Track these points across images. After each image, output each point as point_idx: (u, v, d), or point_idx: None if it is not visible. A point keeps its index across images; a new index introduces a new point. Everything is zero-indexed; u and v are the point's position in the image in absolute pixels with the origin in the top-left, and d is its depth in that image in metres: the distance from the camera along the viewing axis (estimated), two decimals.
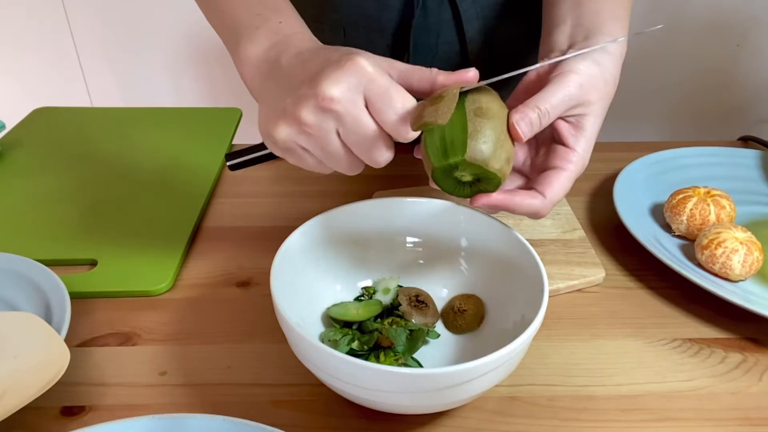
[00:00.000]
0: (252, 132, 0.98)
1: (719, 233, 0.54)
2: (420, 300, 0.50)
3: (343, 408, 0.44)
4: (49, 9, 1.56)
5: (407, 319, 0.48)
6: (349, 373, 0.37)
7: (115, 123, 0.81)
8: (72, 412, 0.44)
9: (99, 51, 1.64)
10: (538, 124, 0.42)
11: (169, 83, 1.68)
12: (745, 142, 0.79)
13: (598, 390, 0.46)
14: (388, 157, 0.40)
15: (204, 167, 0.71)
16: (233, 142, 0.78)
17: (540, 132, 0.44)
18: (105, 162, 0.73)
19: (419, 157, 0.43)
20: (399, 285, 0.52)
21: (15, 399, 0.39)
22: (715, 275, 0.55)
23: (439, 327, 0.50)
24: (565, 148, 0.45)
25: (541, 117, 0.42)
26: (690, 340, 0.51)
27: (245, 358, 0.48)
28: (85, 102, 1.72)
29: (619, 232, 0.60)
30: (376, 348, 0.46)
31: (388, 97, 0.38)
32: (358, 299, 0.52)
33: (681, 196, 0.59)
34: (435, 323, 0.50)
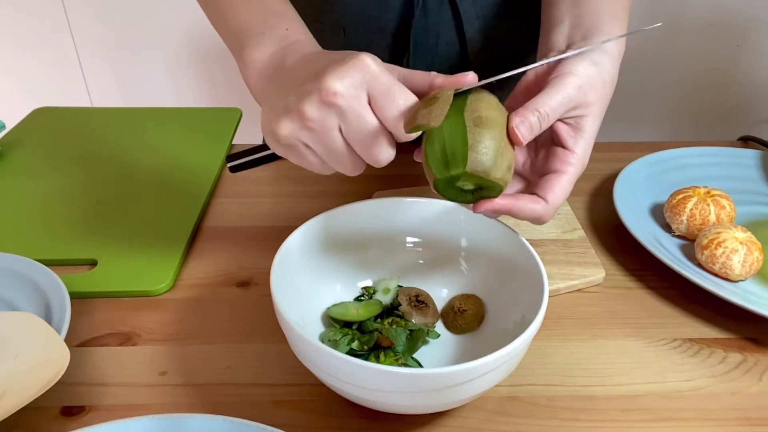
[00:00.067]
0: (252, 132, 0.98)
1: (719, 233, 0.54)
2: (420, 300, 0.50)
3: (343, 408, 0.44)
4: (49, 9, 1.56)
5: (407, 319, 0.48)
6: (349, 373, 0.37)
7: (115, 123, 0.81)
8: (72, 412, 0.44)
9: (99, 51, 1.64)
10: (538, 127, 0.42)
11: (169, 83, 1.68)
12: (745, 142, 0.79)
13: (598, 390, 0.46)
14: (389, 155, 0.40)
15: (204, 167, 0.71)
16: (233, 142, 0.78)
17: (539, 134, 0.44)
18: (105, 162, 0.73)
19: (419, 161, 0.43)
20: (399, 285, 0.52)
21: (15, 399, 0.39)
22: (715, 275, 0.55)
23: (439, 327, 0.50)
24: (565, 150, 0.45)
25: (540, 120, 0.42)
26: (690, 340, 0.51)
27: (245, 358, 0.48)
28: (85, 102, 1.72)
29: (619, 232, 0.60)
30: (376, 348, 0.46)
31: (391, 94, 0.39)
32: (358, 299, 0.52)
33: (681, 196, 0.59)
34: (435, 323, 0.50)
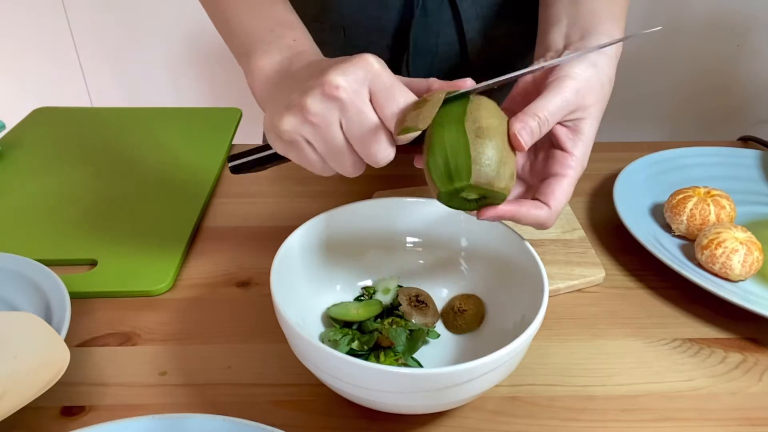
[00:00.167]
0: (252, 132, 0.98)
1: (719, 233, 0.54)
2: (420, 300, 0.50)
3: (343, 408, 0.44)
4: (49, 9, 1.56)
5: (407, 319, 0.48)
6: (349, 373, 0.37)
7: (115, 123, 0.81)
8: (72, 412, 0.44)
9: (99, 51, 1.64)
10: (539, 132, 0.42)
11: (169, 83, 1.68)
12: (745, 142, 0.79)
13: (598, 390, 0.46)
14: (388, 154, 0.40)
15: (204, 167, 0.71)
16: (233, 142, 0.78)
17: (540, 140, 0.44)
18: (105, 162, 0.73)
19: (419, 167, 0.43)
20: (399, 285, 0.52)
21: (15, 399, 0.39)
22: (715, 275, 0.55)
23: (439, 327, 0.50)
24: (564, 153, 0.45)
25: (540, 125, 0.42)
26: (690, 340, 0.51)
27: (245, 358, 0.48)
28: (85, 102, 1.72)
29: (619, 232, 0.60)
30: (376, 348, 0.46)
31: (392, 92, 0.39)
32: (358, 299, 0.52)
33: (681, 196, 0.59)
34: (435, 323, 0.50)
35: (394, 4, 0.67)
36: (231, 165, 0.48)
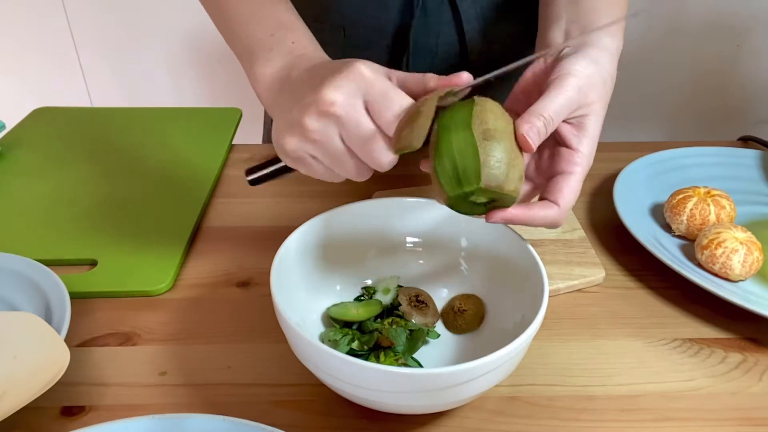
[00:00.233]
0: (252, 132, 0.98)
1: (719, 233, 0.54)
2: (420, 300, 0.50)
3: (343, 408, 0.44)
4: (49, 9, 1.56)
5: (407, 319, 0.48)
6: (349, 373, 0.37)
7: (115, 123, 0.81)
8: (72, 412, 0.44)
9: (99, 51, 1.64)
10: (545, 132, 0.42)
11: (169, 83, 1.68)
12: (745, 142, 0.79)
13: (598, 390, 0.46)
14: (391, 159, 0.40)
15: (204, 167, 0.71)
16: (233, 142, 0.78)
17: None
18: (105, 162, 0.73)
19: (425, 170, 0.43)
20: (399, 285, 0.52)
21: (15, 399, 0.39)
22: (715, 275, 0.55)
23: (439, 327, 0.50)
24: (570, 150, 0.44)
25: (546, 124, 0.42)
26: (690, 340, 0.51)
27: (245, 358, 0.48)
28: (85, 102, 1.72)
29: (619, 232, 0.60)
30: (376, 348, 0.46)
31: (387, 99, 0.39)
32: (358, 299, 0.52)
33: (681, 196, 0.59)
34: (435, 323, 0.50)
35: (393, 5, 0.67)
36: (249, 178, 0.48)
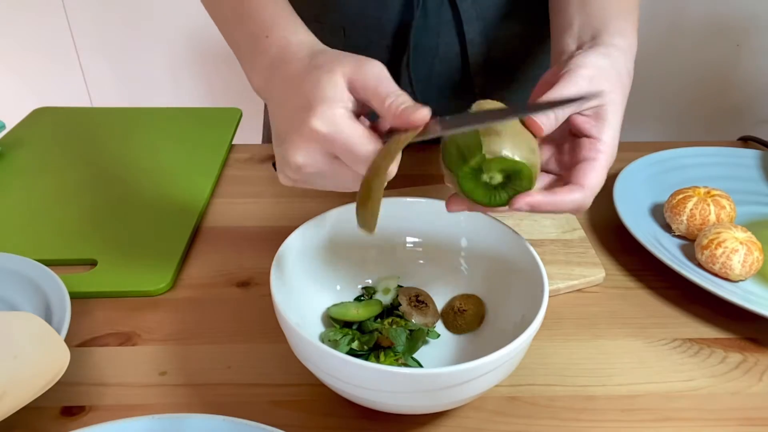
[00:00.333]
0: (252, 132, 0.98)
1: (719, 233, 0.54)
2: (420, 300, 0.50)
3: (343, 408, 0.44)
4: (49, 9, 1.56)
5: (407, 319, 0.48)
6: (349, 373, 0.37)
7: (115, 123, 0.81)
8: (72, 412, 0.44)
9: (99, 51, 1.64)
10: (554, 118, 0.42)
11: (169, 83, 1.68)
12: (745, 142, 0.79)
13: (598, 390, 0.46)
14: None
15: (204, 167, 0.71)
16: (233, 142, 0.78)
17: (559, 131, 0.44)
18: (105, 162, 0.73)
19: (450, 185, 0.43)
20: (399, 285, 0.52)
21: (15, 399, 0.39)
22: (715, 275, 0.54)
23: (439, 327, 0.50)
24: (591, 139, 0.43)
25: (555, 111, 0.41)
26: (690, 340, 0.51)
27: (245, 358, 0.48)
28: (85, 102, 1.72)
29: (619, 232, 0.60)
30: (376, 348, 0.46)
31: (351, 153, 0.38)
32: (358, 299, 0.52)
33: (681, 196, 0.59)
34: (435, 323, 0.50)
35: (393, 4, 0.67)
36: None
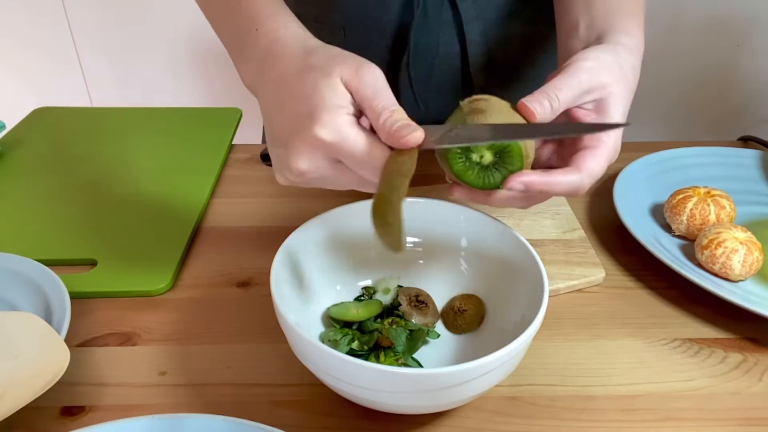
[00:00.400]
0: (252, 132, 0.98)
1: (719, 233, 0.54)
2: (420, 300, 0.50)
3: (343, 408, 0.44)
4: (49, 9, 1.56)
5: (407, 319, 0.48)
6: (349, 373, 0.37)
7: (115, 123, 0.81)
8: (72, 412, 0.44)
9: (99, 51, 1.64)
10: (549, 107, 0.41)
11: (169, 83, 1.68)
12: (745, 142, 0.79)
13: (598, 390, 0.46)
14: None
15: (204, 167, 0.71)
16: (233, 142, 0.78)
17: (553, 117, 0.44)
18: (105, 162, 0.73)
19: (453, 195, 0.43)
20: (399, 285, 0.52)
21: (15, 399, 0.39)
22: (715, 275, 0.54)
23: (439, 327, 0.50)
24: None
25: (551, 101, 0.41)
26: (690, 340, 0.51)
27: (245, 358, 0.48)
28: (85, 102, 1.72)
29: (619, 232, 0.60)
30: (376, 348, 0.46)
31: (357, 160, 0.38)
32: (358, 299, 0.52)
33: (681, 196, 0.59)
34: (435, 323, 0.50)
35: (393, 5, 0.67)
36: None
